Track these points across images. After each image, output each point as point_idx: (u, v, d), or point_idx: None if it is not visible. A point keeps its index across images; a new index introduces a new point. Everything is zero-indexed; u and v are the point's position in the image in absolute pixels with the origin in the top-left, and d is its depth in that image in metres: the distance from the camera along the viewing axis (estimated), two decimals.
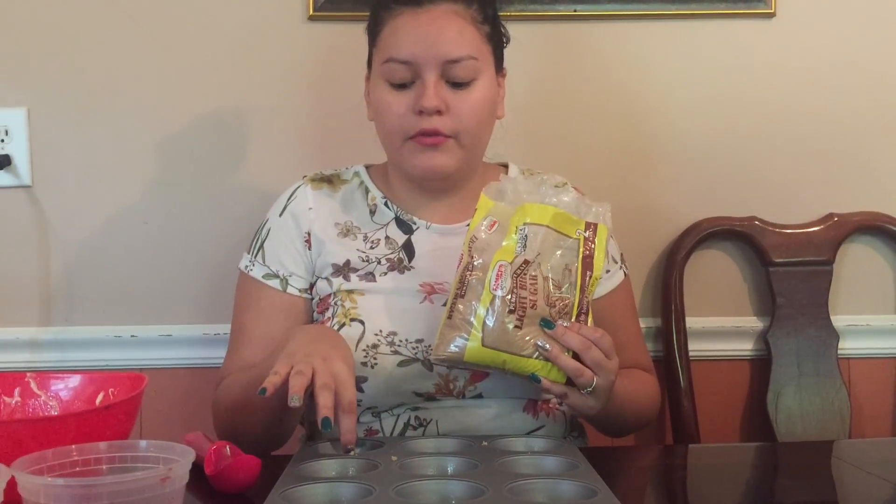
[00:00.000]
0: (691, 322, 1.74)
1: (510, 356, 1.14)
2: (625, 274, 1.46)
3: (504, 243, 1.17)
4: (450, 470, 1.05)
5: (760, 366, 1.77)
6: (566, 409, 1.30)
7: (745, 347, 1.78)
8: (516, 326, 1.13)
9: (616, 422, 1.35)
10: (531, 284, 1.15)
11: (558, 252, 1.18)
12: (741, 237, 1.77)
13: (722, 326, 1.78)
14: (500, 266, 1.15)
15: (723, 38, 1.76)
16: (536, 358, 1.14)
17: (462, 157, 1.32)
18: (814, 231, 1.77)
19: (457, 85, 1.29)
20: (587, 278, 1.18)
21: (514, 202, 1.20)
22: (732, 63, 1.77)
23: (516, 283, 1.14)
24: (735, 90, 1.77)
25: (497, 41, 1.36)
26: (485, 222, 1.19)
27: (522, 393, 1.30)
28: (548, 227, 1.18)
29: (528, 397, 1.31)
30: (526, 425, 1.30)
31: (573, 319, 1.16)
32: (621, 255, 1.48)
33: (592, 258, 1.19)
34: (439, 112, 1.27)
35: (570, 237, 1.19)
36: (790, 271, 1.75)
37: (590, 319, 1.18)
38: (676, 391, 1.71)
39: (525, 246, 1.16)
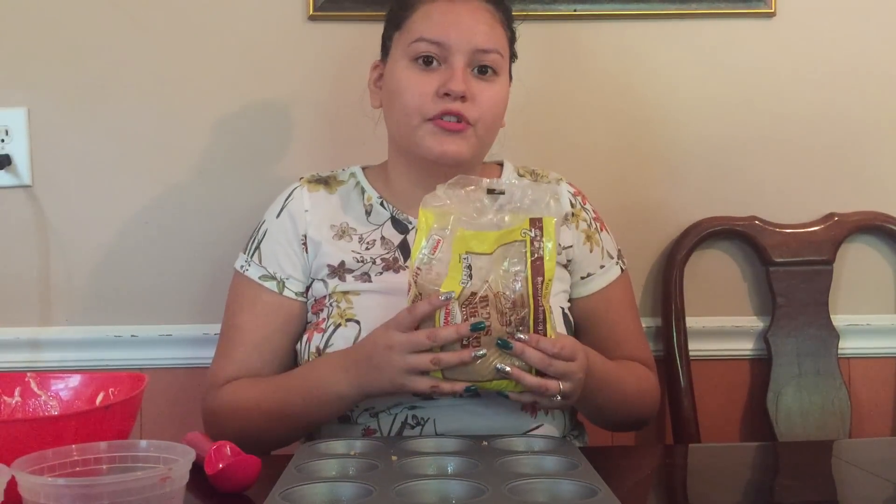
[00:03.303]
0: (691, 321, 1.74)
1: (475, 383, 1.14)
2: (621, 269, 1.46)
3: (449, 273, 1.13)
4: (450, 470, 1.05)
5: (760, 365, 1.77)
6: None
7: (745, 347, 1.78)
8: (474, 357, 1.12)
9: (601, 405, 1.33)
10: (482, 308, 1.12)
11: (505, 262, 1.13)
12: (741, 237, 1.77)
13: (722, 326, 1.78)
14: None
15: (723, 37, 1.76)
16: (501, 378, 1.14)
17: (476, 147, 1.33)
18: (814, 231, 1.76)
19: (482, 76, 1.31)
20: (539, 285, 1.13)
21: (443, 215, 1.15)
22: (733, 62, 1.77)
23: (467, 313, 1.12)
24: (735, 90, 1.77)
25: (512, 50, 1.40)
26: (427, 245, 1.15)
27: None
28: (492, 254, 1.13)
29: None
30: (524, 424, 1.30)
31: (531, 331, 1.13)
32: (618, 250, 1.48)
33: (542, 261, 1.13)
34: (463, 98, 1.28)
35: (517, 240, 1.14)
36: (790, 271, 1.75)
37: (549, 327, 1.14)
38: (677, 391, 1.71)
39: (471, 276, 1.13)
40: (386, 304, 1.30)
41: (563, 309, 1.38)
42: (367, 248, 1.37)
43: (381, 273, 1.35)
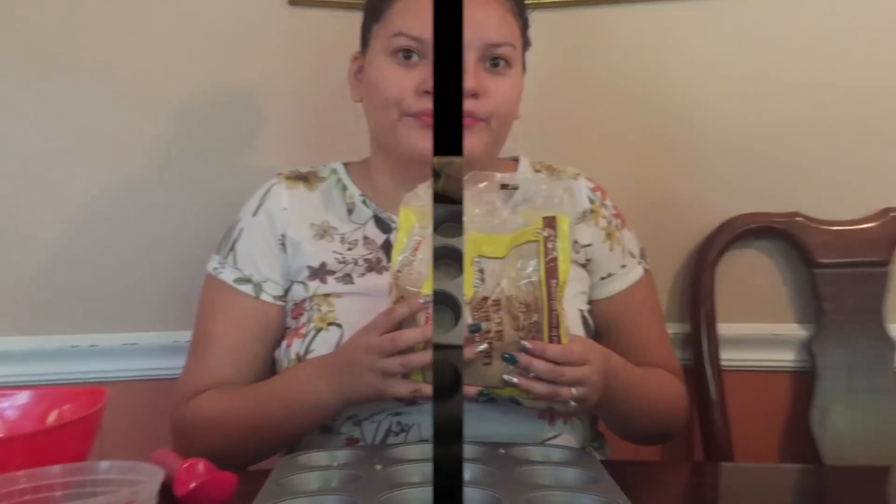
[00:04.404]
0: (724, 328, 1.75)
1: (488, 388, 1.17)
2: (644, 270, 1.48)
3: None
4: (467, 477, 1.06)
5: (803, 379, 1.78)
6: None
7: (785, 358, 1.79)
8: (485, 363, 1.15)
9: (624, 412, 1.35)
10: (494, 313, 1.15)
11: (518, 264, 1.17)
12: (781, 235, 1.78)
13: (759, 334, 1.79)
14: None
15: (761, 10, 1.76)
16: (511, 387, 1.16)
17: (489, 142, 1.36)
18: (866, 228, 1.77)
19: (494, 70, 1.35)
20: (553, 287, 1.16)
21: (426, 214, 1.19)
22: (772, 39, 1.77)
23: (479, 318, 1.15)
24: (775, 70, 1.77)
25: (525, 39, 1.43)
26: (408, 246, 1.19)
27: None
28: (504, 258, 1.18)
29: None
30: (539, 432, 1.31)
31: (546, 338, 1.16)
32: (641, 249, 1.50)
33: (556, 262, 1.17)
34: (475, 95, 1.31)
35: (530, 241, 1.18)
36: (838, 273, 1.76)
37: (562, 332, 1.17)
38: (706, 403, 1.72)
39: (483, 280, 1.16)
40: (369, 306, 1.30)
41: (581, 312, 1.40)
42: (349, 249, 1.40)
43: (363, 274, 1.37)
